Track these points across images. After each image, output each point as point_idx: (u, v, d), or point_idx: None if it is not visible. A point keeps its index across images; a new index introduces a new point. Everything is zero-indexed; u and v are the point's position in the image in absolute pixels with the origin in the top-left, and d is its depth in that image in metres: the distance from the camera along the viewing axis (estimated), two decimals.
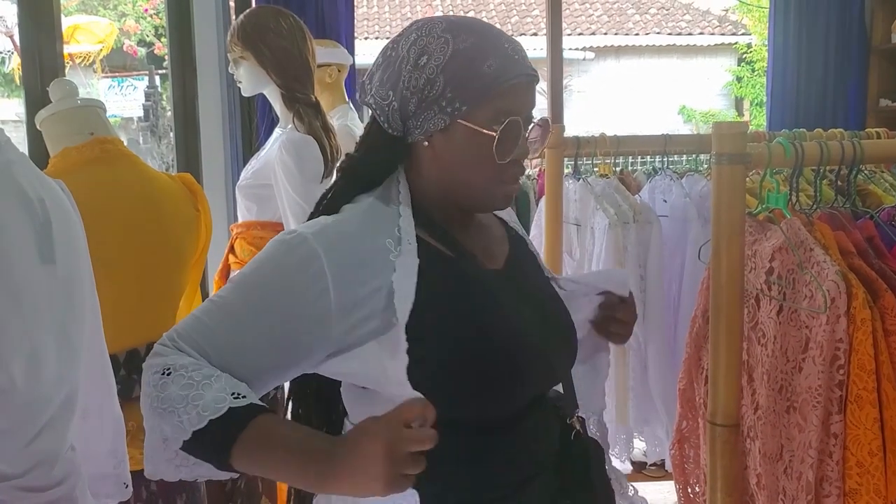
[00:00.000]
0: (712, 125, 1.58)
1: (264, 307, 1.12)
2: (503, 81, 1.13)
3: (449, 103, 1.14)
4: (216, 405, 1.05)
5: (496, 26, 1.20)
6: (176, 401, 1.06)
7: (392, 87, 1.17)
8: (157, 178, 1.77)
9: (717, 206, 1.58)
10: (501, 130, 1.14)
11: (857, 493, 1.40)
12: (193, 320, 1.14)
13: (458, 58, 1.13)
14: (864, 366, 1.39)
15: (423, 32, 1.16)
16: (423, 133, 1.17)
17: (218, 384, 1.07)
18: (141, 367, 1.66)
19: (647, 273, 2.58)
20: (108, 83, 12.32)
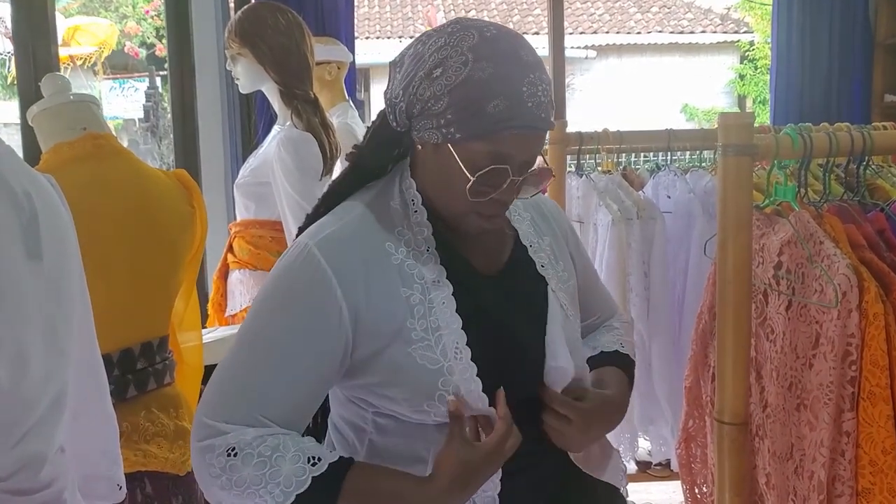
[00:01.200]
0: (718, 115, 1.55)
1: (295, 354, 1.13)
2: (502, 128, 1.09)
3: (446, 125, 1.11)
4: (298, 478, 1.08)
5: (533, 56, 1.13)
6: (253, 482, 1.08)
7: (404, 87, 1.15)
8: (151, 175, 1.73)
9: (724, 198, 1.55)
10: (479, 176, 1.11)
11: (871, 492, 1.36)
12: (233, 385, 1.15)
13: (468, 85, 1.09)
14: (877, 361, 1.35)
15: (452, 41, 1.11)
16: (419, 138, 1.16)
17: (289, 454, 1.09)
18: (134, 368, 1.66)
19: (650, 270, 2.54)
20: (109, 84, 12.29)
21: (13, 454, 1.08)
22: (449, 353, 1.14)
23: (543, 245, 1.32)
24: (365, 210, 1.21)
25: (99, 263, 1.60)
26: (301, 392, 1.14)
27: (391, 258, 1.17)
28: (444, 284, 1.17)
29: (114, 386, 1.64)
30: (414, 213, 1.20)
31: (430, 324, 1.15)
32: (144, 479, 1.66)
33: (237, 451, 1.09)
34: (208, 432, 1.12)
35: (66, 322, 1.20)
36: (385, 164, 1.26)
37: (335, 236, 1.17)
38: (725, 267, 1.55)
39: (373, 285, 1.14)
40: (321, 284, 1.13)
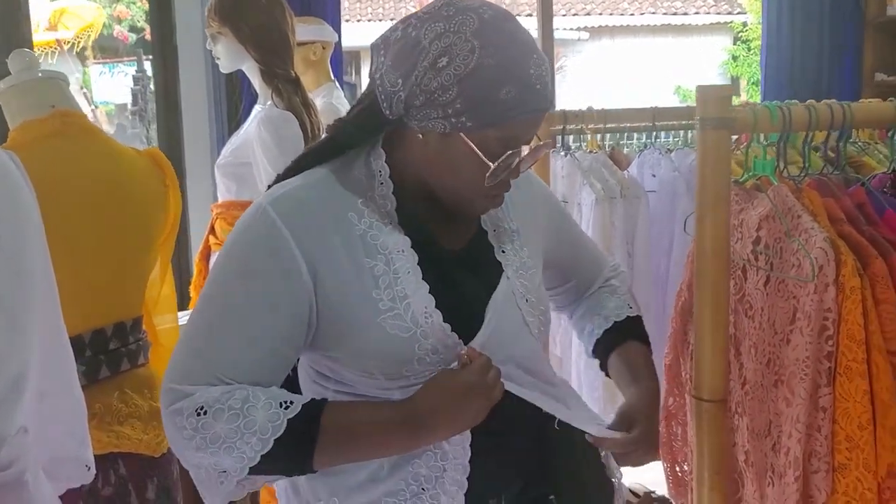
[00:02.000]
0: (696, 88, 1.52)
1: (252, 314, 1.12)
2: (516, 114, 1.09)
3: (455, 114, 1.09)
4: (273, 423, 1.07)
5: (528, 35, 1.13)
6: (228, 435, 1.07)
7: (403, 76, 1.11)
8: (122, 153, 1.71)
9: (702, 172, 1.52)
10: (499, 162, 1.11)
11: (847, 467, 1.35)
12: (193, 349, 1.15)
13: (478, 74, 1.07)
14: (853, 336, 1.33)
15: (452, 28, 1.08)
16: (420, 127, 1.13)
17: (260, 402, 1.08)
18: (107, 349, 1.64)
19: (634, 249, 2.52)
20: (99, 69, 12.21)
21: None
22: (420, 319, 1.14)
23: (510, 231, 1.31)
24: (328, 175, 1.20)
25: (68, 243, 1.57)
26: (262, 350, 1.12)
27: (354, 227, 1.16)
28: (409, 254, 1.17)
29: (86, 367, 1.62)
30: (380, 186, 1.19)
31: (397, 293, 1.14)
32: (118, 460, 1.65)
33: (206, 408, 1.08)
34: (175, 396, 1.12)
35: (25, 301, 1.17)
36: (363, 141, 1.23)
37: (292, 196, 1.16)
38: (703, 242, 1.53)
39: (334, 252, 1.14)
40: (277, 242, 1.12)
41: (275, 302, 1.12)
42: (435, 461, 1.17)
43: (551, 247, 1.37)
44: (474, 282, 1.24)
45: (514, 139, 1.12)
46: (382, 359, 1.15)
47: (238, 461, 1.06)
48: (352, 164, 1.21)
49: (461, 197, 1.18)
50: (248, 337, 1.12)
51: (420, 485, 1.17)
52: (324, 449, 1.09)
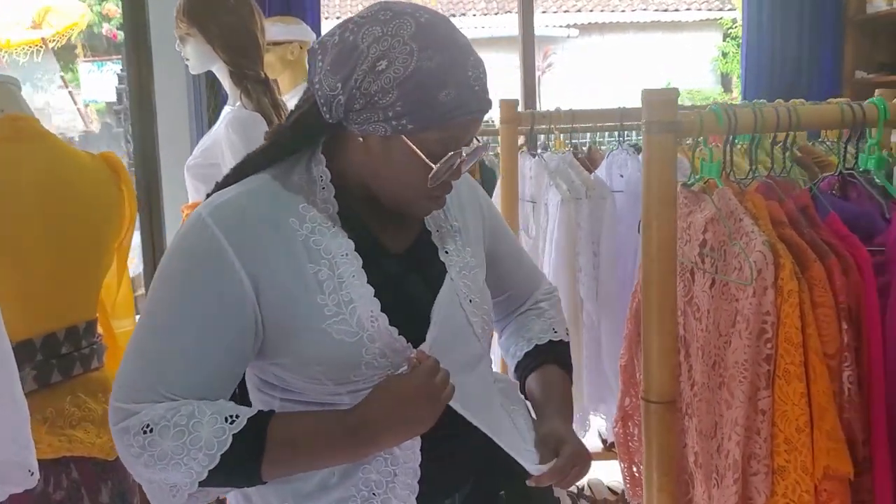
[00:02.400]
0: (641, 92, 1.53)
1: (194, 328, 1.12)
2: (456, 115, 1.10)
3: (396, 117, 1.09)
4: (218, 439, 1.07)
5: (465, 38, 1.13)
6: (175, 452, 1.07)
7: (343, 80, 1.11)
8: (73, 157, 1.70)
9: (648, 176, 1.53)
10: (441, 164, 1.12)
11: (786, 470, 1.35)
12: (137, 366, 1.14)
13: (418, 77, 1.08)
14: (791, 339, 1.34)
15: (390, 31, 1.09)
16: (361, 130, 1.13)
17: (205, 417, 1.08)
18: (59, 353, 1.64)
19: (600, 249, 2.53)
20: (88, 67, 12.18)
21: None
22: (365, 323, 1.14)
23: (452, 231, 1.31)
24: (269, 181, 1.19)
25: (17, 247, 1.58)
26: (206, 364, 1.12)
27: (296, 233, 1.15)
28: (354, 257, 1.17)
29: (37, 371, 1.62)
30: (321, 190, 1.19)
31: (342, 298, 1.14)
32: (70, 464, 1.65)
33: (152, 426, 1.08)
34: (122, 415, 1.12)
35: None
36: (303, 146, 1.24)
37: (230, 205, 1.15)
38: (650, 245, 1.53)
39: (276, 260, 1.13)
40: (215, 253, 1.11)
41: (216, 315, 1.11)
42: (385, 466, 1.18)
43: (489, 252, 1.38)
44: (419, 283, 1.24)
45: (454, 140, 1.13)
46: (329, 364, 1.15)
47: (186, 476, 1.07)
48: (292, 169, 1.21)
49: (403, 199, 1.18)
50: (190, 352, 1.11)
51: (371, 490, 1.17)
52: (270, 462, 1.09)
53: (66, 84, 9.25)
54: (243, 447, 1.08)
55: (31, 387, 1.61)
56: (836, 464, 1.30)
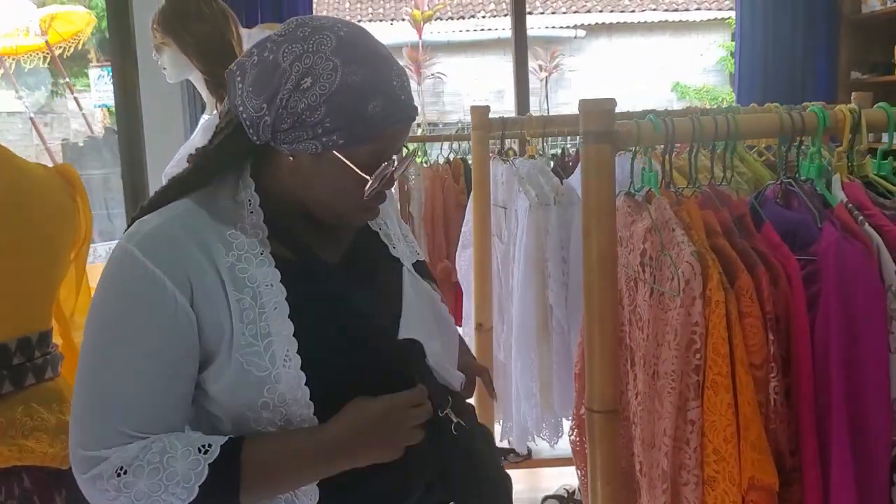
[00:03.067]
0: (578, 102, 1.53)
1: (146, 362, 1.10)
2: (386, 125, 1.11)
3: (325, 133, 1.10)
4: (195, 470, 1.07)
5: (385, 49, 1.14)
6: (152, 490, 1.06)
7: (267, 100, 1.10)
8: (25, 170, 1.72)
9: (587, 186, 1.54)
10: (376, 174, 1.13)
11: (715, 480, 1.35)
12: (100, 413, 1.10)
13: (344, 92, 1.08)
14: (718, 350, 1.34)
15: (311, 48, 1.09)
16: (290, 149, 1.13)
17: (178, 451, 1.08)
18: (10, 364, 1.66)
19: (569, 255, 2.53)
20: (97, 72, 12.31)
21: None
22: (278, 360, 1.11)
23: (390, 227, 1.34)
24: (192, 207, 1.17)
25: None
26: (164, 396, 1.11)
27: (222, 260, 1.13)
28: (278, 289, 1.15)
29: None
30: (250, 215, 1.17)
31: (260, 329, 1.12)
32: (22, 473, 1.66)
33: (125, 467, 1.07)
34: (90, 463, 1.09)
35: None
36: (229, 168, 1.21)
37: (156, 233, 1.13)
38: (590, 254, 1.54)
39: (199, 287, 1.11)
40: (149, 282, 1.09)
41: (166, 346, 1.10)
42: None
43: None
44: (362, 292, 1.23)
45: (385, 151, 1.14)
46: (233, 394, 1.12)
47: None
48: (216, 193, 1.19)
49: (338, 212, 1.19)
50: (145, 386, 1.10)
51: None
52: (248, 486, 1.09)
53: (72, 90, 9.34)
54: (220, 475, 1.07)
55: None
56: (761, 474, 1.30)
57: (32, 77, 10.61)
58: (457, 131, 5.85)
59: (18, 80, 9.06)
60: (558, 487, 3.55)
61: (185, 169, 1.23)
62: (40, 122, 11.97)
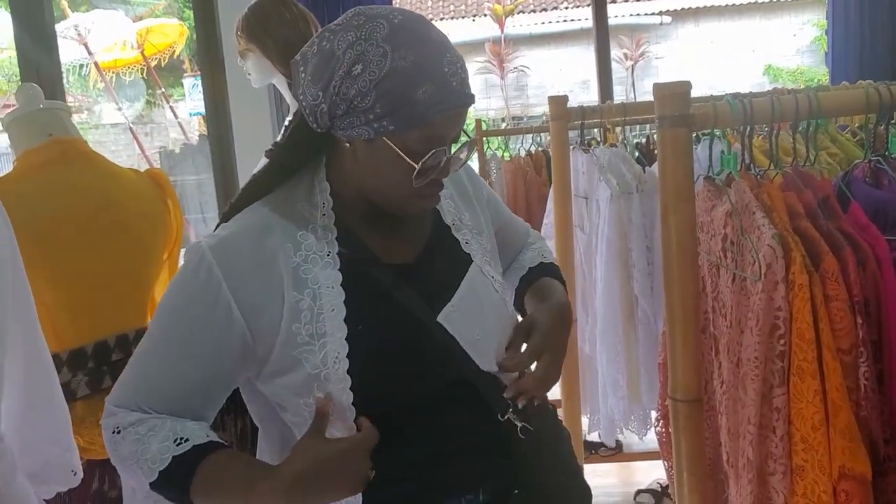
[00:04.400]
0: (653, 86, 1.51)
1: (181, 349, 1.17)
2: (435, 112, 1.10)
3: (377, 119, 1.11)
4: (161, 456, 1.13)
5: (441, 35, 1.14)
6: (129, 457, 1.16)
7: (322, 88, 1.13)
8: (119, 175, 1.81)
9: (663, 171, 1.51)
10: (423, 162, 1.13)
11: (804, 469, 1.31)
12: (126, 377, 1.21)
13: (393, 77, 1.08)
14: (803, 335, 1.29)
15: (363, 35, 1.10)
16: (346, 136, 1.15)
17: (161, 433, 1.15)
18: (109, 360, 1.75)
19: (654, 244, 2.49)
20: (192, 81, 12.73)
21: None
22: (329, 361, 1.14)
23: (466, 220, 1.33)
24: (266, 215, 1.21)
25: (65, 262, 1.69)
26: (184, 385, 1.17)
27: (288, 261, 1.17)
28: (338, 291, 1.17)
29: (89, 377, 1.73)
30: (322, 217, 1.20)
31: (317, 329, 1.15)
32: None
33: (120, 429, 1.17)
34: (106, 413, 1.21)
35: None
36: (303, 162, 1.25)
37: (229, 241, 1.18)
38: (669, 241, 1.51)
39: (263, 292, 1.15)
40: (209, 283, 1.14)
41: (202, 340, 1.16)
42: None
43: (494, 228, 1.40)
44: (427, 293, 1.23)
45: (436, 138, 1.13)
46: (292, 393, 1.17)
47: (137, 481, 1.15)
48: (293, 195, 1.23)
49: (394, 200, 1.20)
50: (171, 371, 1.17)
51: None
52: (196, 492, 1.13)
53: (167, 99, 9.70)
54: (178, 471, 1.13)
55: (85, 392, 1.72)
56: (853, 463, 1.25)
57: (131, 89, 11.06)
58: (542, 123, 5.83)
59: (118, 92, 9.46)
60: (651, 481, 3.49)
61: (263, 166, 1.27)
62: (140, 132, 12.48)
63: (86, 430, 1.70)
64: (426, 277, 1.25)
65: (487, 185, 1.46)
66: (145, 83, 10.24)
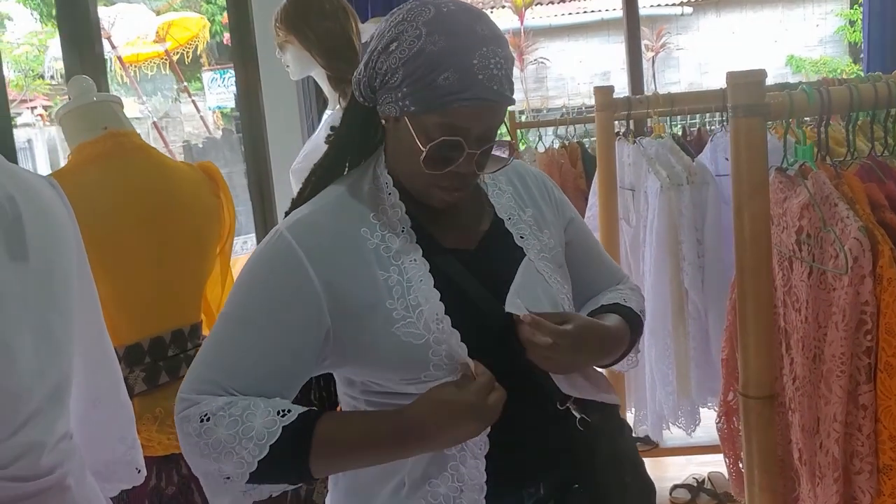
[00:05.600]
0: (726, 74, 1.47)
1: (264, 328, 1.16)
2: (453, 100, 1.10)
3: (402, 98, 1.13)
4: (269, 430, 1.11)
5: (488, 30, 1.13)
6: (227, 441, 1.11)
7: (365, 61, 1.17)
8: (173, 168, 1.79)
9: (737, 161, 1.47)
10: (430, 147, 1.12)
11: (892, 469, 1.27)
12: (206, 361, 1.19)
13: (420, 58, 1.10)
14: (892, 330, 1.26)
15: (408, 17, 1.13)
16: (381, 112, 1.18)
17: (259, 410, 1.12)
18: (165, 355, 1.73)
19: (704, 237, 2.45)
20: (211, 75, 12.73)
21: (10, 444, 1.14)
22: (431, 326, 1.15)
23: (525, 216, 1.31)
24: (339, 196, 1.23)
25: (122, 256, 1.67)
26: (268, 364, 1.16)
27: (366, 242, 1.18)
28: (421, 262, 1.19)
29: (146, 373, 1.71)
30: (388, 196, 1.22)
31: (410, 302, 1.15)
32: (180, 461, 1.73)
33: (209, 416, 1.13)
34: (184, 405, 1.17)
35: (61, 318, 1.25)
36: (362, 142, 1.27)
37: (306, 220, 1.20)
38: (742, 233, 1.48)
39: (347, 269, 1.16)
40: (291, 263, 1.16)
41: (286, 320, 1.16)
42: (452, 482, 1.17)
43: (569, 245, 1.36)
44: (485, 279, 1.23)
45: (455, 128, 1.12)
46: (399, 367, 1.17)
47: (238, 466, 1.10)
48: (360, 180, 1.25)
49: (415, 186, 1.20)
50: (255, 351, 1.16)
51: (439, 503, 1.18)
52: (318, 455, 1.11)
53: (189, 93, 9.71)
54: (292, 440, 1.11)
55: (141, 388, 1.70)
56: None
57: (150, 83, 11.07)
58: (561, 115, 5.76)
59: (139, 86, 9.47)
60: (687, 476, 3.46)
61: (325, 151, 1.30)
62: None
63: (143, 427, 1.68)
64: (486, 264, 1.24)
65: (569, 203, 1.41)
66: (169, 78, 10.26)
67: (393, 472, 1.20)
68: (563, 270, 1.31)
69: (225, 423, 1.11)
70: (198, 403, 1.15)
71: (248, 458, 1.10)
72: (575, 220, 1.40)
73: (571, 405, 1.23)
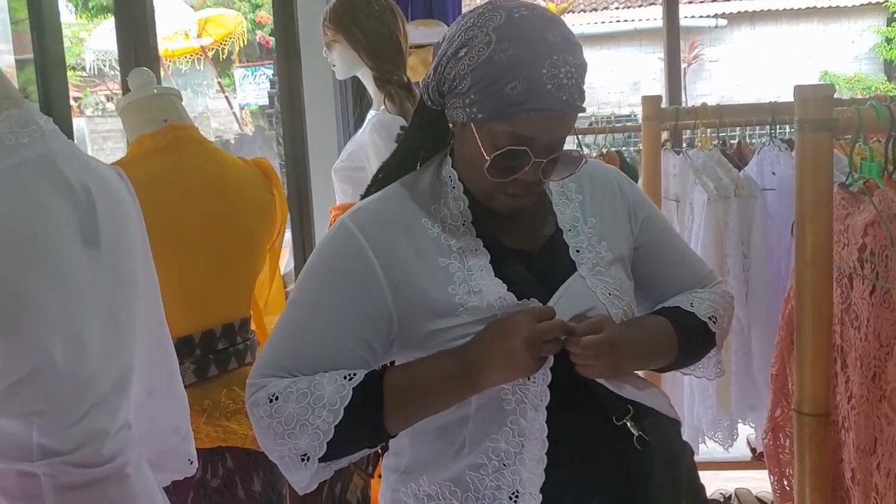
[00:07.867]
0: (794, 88, 1.46)
1: (325, 311, 1.19)
2: (520, 110, 1.10)
3: (470, 104, 1.14)
4: (340, 394, 1.13)
5: (559, 38, 1.12)
6: (300, 414, 1.13)
7: (434, 66, 1.19)
8: (229, 163, 1.80)
9: (801, 176, 1.47)
10: (495, 156, 1.13)
11: None
12: (272, 346, 1.23)
13: (488, 66, 1.11)
14: None
15: (479, 22, 1.14)
16: (450, 117, 1.20)
17: (325, 379, 1.15)
18: (215, 348, 1.73)
19: (750, 251, 2.44)
20: (242, 72, 12.81)
21: (76, 430, 1.15)
22: (495, 304, 1.17)
23: (586, 228, 1.29)
24: (401, 189, 1.26)
25: (178, 249, 1.68)
26: (333, 347, 1.18)
27: (427, 231, 1.21)
28: (482, 253, 1.21)
29: (196, 365, 1.72)
30: (452, 189, 1.24)
31: (472, 287, 1.18)
32: (226, 454, 1.74)
33: (278, 395, 1.15)
34: (252, 390, 1.19)
35: (127, 307, 1.26)
36: (431, 144, 1.29)
37: (367, 209, 1.24)
38: (804, 249, 1.47)
39: (408, 256, 1.19)
40: (355, 251, 1.19)
41: (351, 305, 1.18)
42: (513, 437, 1.18)
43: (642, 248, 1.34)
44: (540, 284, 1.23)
45: (521, 138, 1.12)
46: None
47: (314, 438, 1.11)
48: (423, 174, 1.27)
49: (480, 191, 1.22)
50: (316, 333, 1.18)
51: (501, 460, 1.18)
52: (391, 408, 1.14)
53: (223, 89, 9.77)
54: (364, 398, 1.13)
55: (191, 380, 1.71)
56: None
57: (181, 78, 11.16)
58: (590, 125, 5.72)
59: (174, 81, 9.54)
60: (714, 491, 3.44)
61: (395, 148, 1.34)
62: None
63: (191, 419, 1.69)
64: (545, 267, 1.25)
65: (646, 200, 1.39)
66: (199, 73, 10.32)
67: (454, 437, 1.21)
68: (624, 283, 1.28)
69: (294, 398, 1.13)
70: (265, 387, 1.17)
71: (323, 426, 1.11)
72: (652, 218, 1.36)
73: (629, 421, 1.21)
